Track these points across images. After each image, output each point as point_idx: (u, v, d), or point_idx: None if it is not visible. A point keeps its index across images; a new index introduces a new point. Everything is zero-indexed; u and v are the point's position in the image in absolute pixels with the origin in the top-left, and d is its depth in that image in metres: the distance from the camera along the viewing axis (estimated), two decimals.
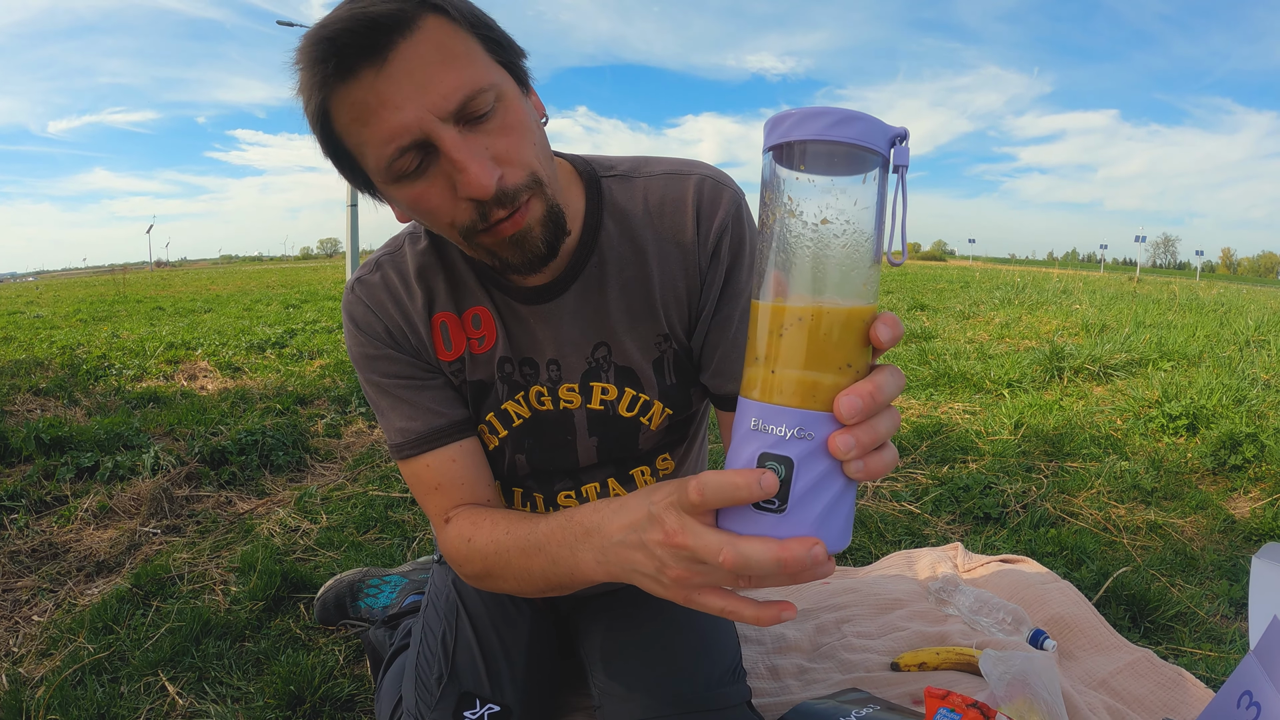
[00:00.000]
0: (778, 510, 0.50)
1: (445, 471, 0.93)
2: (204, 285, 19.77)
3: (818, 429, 0.49)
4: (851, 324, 0.49)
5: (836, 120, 0.47)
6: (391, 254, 0.94)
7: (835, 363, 0.49)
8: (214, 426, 3.29)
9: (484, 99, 0.70)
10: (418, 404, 0.93)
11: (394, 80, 0.66)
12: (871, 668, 1.38)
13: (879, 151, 0.48)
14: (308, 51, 0.68)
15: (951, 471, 2.66)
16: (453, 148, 0.69)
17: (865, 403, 0.48)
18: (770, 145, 0.50)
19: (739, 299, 0.92)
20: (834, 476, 0.50)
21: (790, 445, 0.49)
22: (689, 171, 0.91)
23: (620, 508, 0.64)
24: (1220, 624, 1.66)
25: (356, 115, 0.69)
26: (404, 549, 2.08)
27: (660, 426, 0.99)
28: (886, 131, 0.49)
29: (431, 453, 0.93)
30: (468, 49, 0.70)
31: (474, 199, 0.71)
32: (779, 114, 0.50)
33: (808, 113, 0.48)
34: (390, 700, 1.17)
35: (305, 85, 0.70)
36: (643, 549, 0.59)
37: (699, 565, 0.54)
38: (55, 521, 2.29)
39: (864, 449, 0.49)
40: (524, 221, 0.75)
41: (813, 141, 0.48)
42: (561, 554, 0.72)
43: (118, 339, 6.68)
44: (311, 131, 0.74)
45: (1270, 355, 4.86)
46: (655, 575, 0.59)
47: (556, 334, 0.93)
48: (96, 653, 1.57)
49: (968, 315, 7.90)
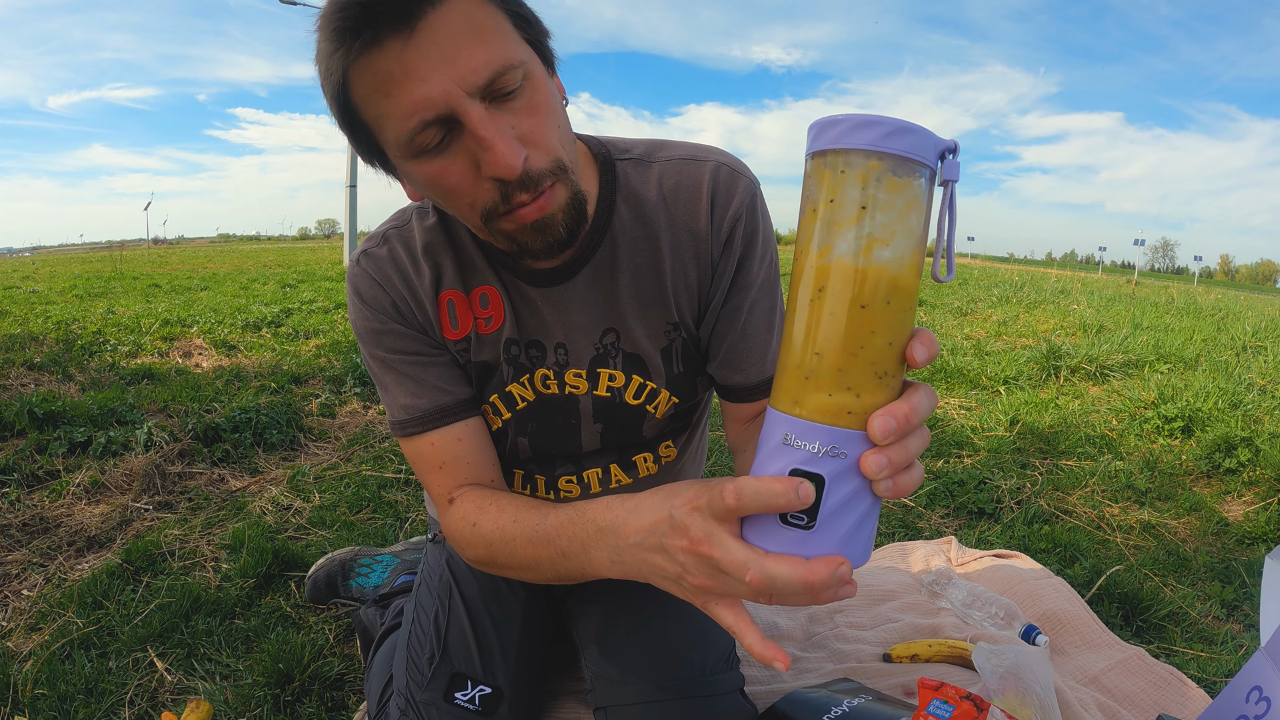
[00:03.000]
0: (806, 526, 0.50)
1: (450, 451, 0.91)
2: (201, 263, 19.67)
3: (850, 448, 0.49)
4: (889, 340, 0.49)
5: (890, 131, 0.46)
6: (399, 228, 0.92)
7: (870, 380, 0.48)
8: (208, 404, 3.27)
9: (512, 76, 0.67)
10: (423, 381, 0.91)
11: (421, 51, 0.64)
12: (863, 658, 1.38)
13: (929, 164, 0.47)
14: (331, 16, 0.65)
15: (946, 466, 2.66)
16: (479, 124, 0.66)
17: (900, 424, 0.48)
18: (817, 150, 0.49)
19: (749, 289, 0.91)
20: (863, 495, 0.50)
21: (822, 463, 0.49)
22: (705, 158, 0.89)
23: (637, 508, 0.63)
24: (1212, 625, 1.66)
25: (379, 85, 0.66)
26: (396, 529, 2.07)
27: (665, 415, 0.98)
28: (937, 144, 0.48)
29: (436, 431, 0.91)
30: (497, 24, 0.68)
31: (499, 179, 0.69)
32: (828, 119, 0.48)
33: (859, 120, 0.46)
34: (380, 680, 1.16)
35: (325, 51, 0.67)
36: (663, 553, 0.58)
37: (722, 576, 0.54)
38: (47, 496, 2.28)
39: (895, 469, 0.49)
40: (549, 208, 0.73)
41: (863, 151, 0.47)
42: (573, 549, 0.71)
43: (113, 315, 6.64)
44: (326, 100, 0.71)
45: (1267, 361, 4.87)
46: (676, 579, 0.59)
47: (565, 318, 0.91)
48: (85, 628, 1.56)
49: (965, 312, 7.90)
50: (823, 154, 0.48)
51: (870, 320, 0.48)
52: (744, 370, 0.93)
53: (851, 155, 0.47)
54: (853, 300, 0.48)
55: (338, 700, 1.36)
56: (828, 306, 0.48)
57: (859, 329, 0.48)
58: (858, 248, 0.47)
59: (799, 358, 0.50)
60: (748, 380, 0.93)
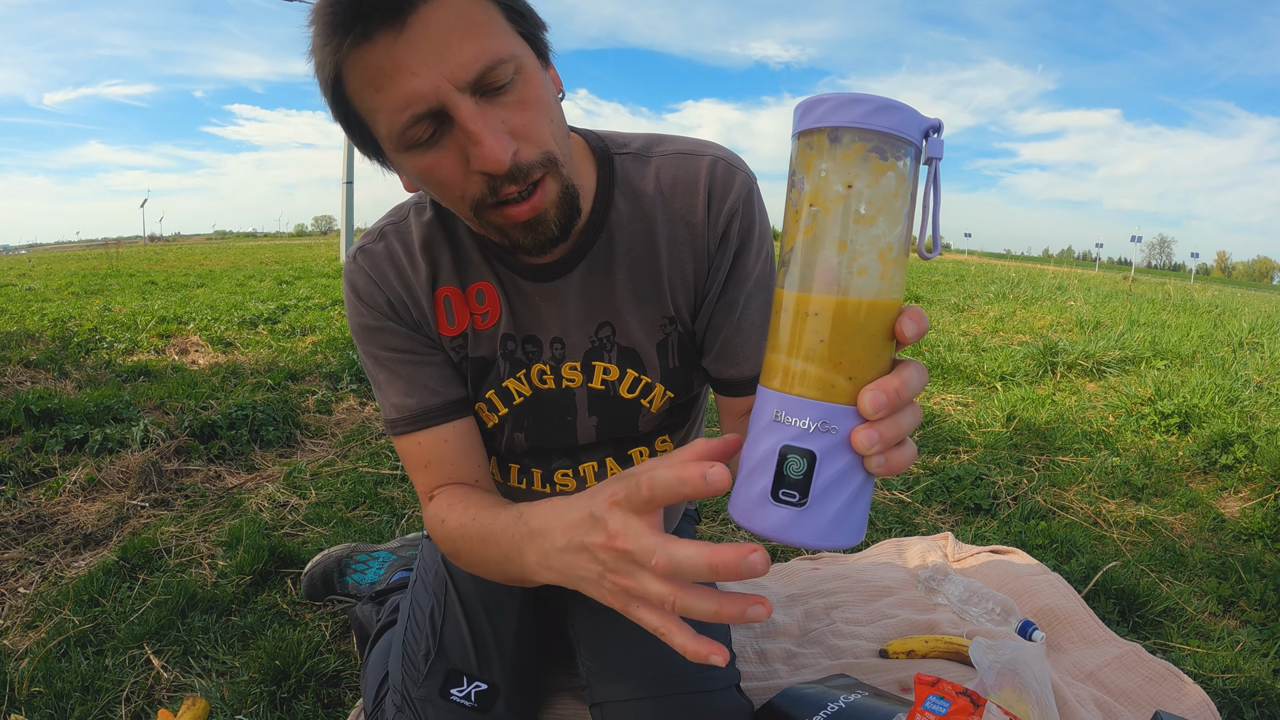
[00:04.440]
0: (798, 504, 0.50)
1: (436, 451, 0.92)
2: (197, 260, 19.61)
3: (841, 423, 0.49)
4: (877, 316, 0.49)
5: (874, 108, 0.46)
6: (396, 224, 0.92)
7: (860, 355, 0.49)
8: (204, 401, 3.27)
9: (503, 70, 0.67)
10: (414, 380, 0.92)
11: (412, 45, 0.64)
12: (860, 654, 1.39)
13: (913, 142, 0.48)
14: (324, 11, 0.65)
15: (943, 462, 2.67)
16: (468, 119, 0.66)
17: (890, 399, 0.48)
18: (803, 129, 0.49)
19: (745, 283, 0.90)
20: (855, 471, 0.50)
21: (813, 439, 0.49)
22: (702, 152, 0.89)
23: (565, 508, 0.63)
24: (1208, 621, 1.67)
25: (371, 80, 0.66)
26: (392, 526, 2.07)
27: (661, 409, 0.98)
28: (921, 122, 0.48)
29: (424, 431, 0.92)
30: (489, 18, 0.68)
31: (487, 173, 0.69)
32: (813, 98, 0.49)
33: (844, 99, 0.47)
34: (376, 676, 1.16)
35: (318, 46, 0.68)
36: (585, 552, 0.58)
37: (637, 571, 0.54)
38: (43, 493, 2.27)
39: (886, 444, 0.49)
40: (541, 205, 0.73)
41: (847, 129, 0.47)
42: (511, 552, 0.70)
43: (109, 312, 6.62)
44: (322, 95, 0.71)
45: (1263, 357, 4.87)
46: (598, 580, 0.58)
47: (562, 312, 0.91)
48: (82, 625, 1.56)
49: (962, 308, 7.90)
50: (808, 133, 0.49)
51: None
52: (739, 364, 0.93)
53: (837, 133, 0.47)
54: (840, 280, 0.48)
55: (334, 697, 1.36)
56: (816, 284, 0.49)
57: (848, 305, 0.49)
58: (845, 225, 0.48)
59: (788, 335, 0.50)
60: (743, 374, 0.93)
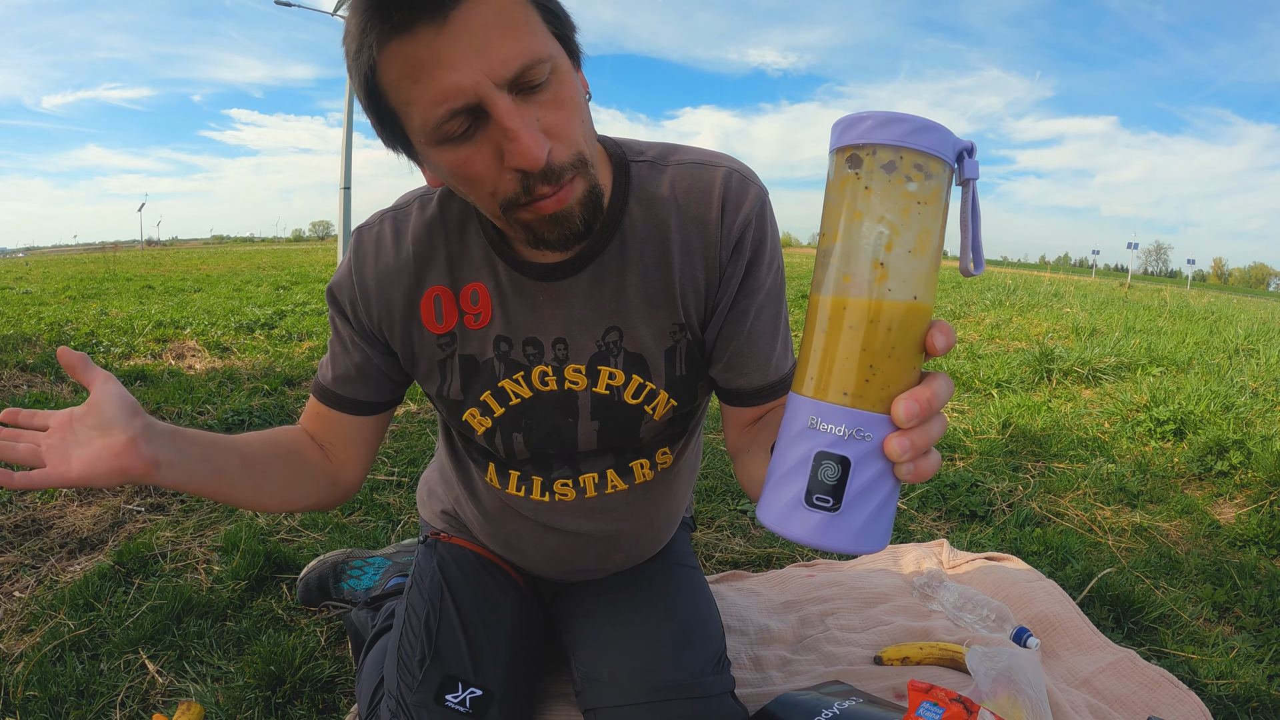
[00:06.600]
0: (832, 509, 0.51)
1: (330, 424, 1.01)
2: (194, 265, 19.60)
3: (874, 430, 0.50)
4: (912, 327, 0.51)
5: (914, 128, 0.49)
6: (396, 212, 0.94)
7: (894, 365, 0.50)
8: (201, 406, 3.26)
9: (540, 69, 0.68)
10: (343, 365, 0.99)
11: (454, 39, 0.64)
12: (854, 661, 1.39)
13: (948, 161, 0.50)
14: (364, 1, 0.65)
15: (939, 469, 2.67)
16: (506, 115, 0.67)
17: (922, 408, 0.49)
18: (841, 145, 0.51)
19: (756, 294, 0.92)
20: (885, 478, 0.51)
21: (847, 445, 0.50)
22: (717, 163, 0.90)
23: None
24: (1203, 627, 1.67)
25: (408, 72, 0.67)
26: (388, 531, 2.07)
27: (664, 418, 0.99)
28: (956, 144, 0.50)
29: (328, 408, 1.01)
30: (528, 18, 0.68)
31: (522, 170, 0.70)
32: (854, 115, 0.51)
33: (884, 118, 0.49)
34: (371, 682, 1.16)
35: (355, 34, 0.67)
36: None
37: None
38: (39, 498, 2.27)
39: (917, 452, 0.50)
40: (567, 200, 0.74)
41: (885, 146, 0.49)
42: None
43: (106, 316, 6.61)
44: (351, 81, 0.71)
45: (1259, 364, 4.89)
46: None
47: (567, 313, 0.92)
48: (77, 629, 1.55)
49: (958, 315, 7.92)
50: (845, 149, 0.51)
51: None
52: (748, 374, 0.94)
53: (876, 150, 0.49)
54: (873, 290, 0.50)
55: (329, 703, 1.35)
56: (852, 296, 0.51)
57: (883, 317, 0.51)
58: (880, 241, 0.50)
59: (824, 343, 0.52)
60: (751, 384, 0.94)
